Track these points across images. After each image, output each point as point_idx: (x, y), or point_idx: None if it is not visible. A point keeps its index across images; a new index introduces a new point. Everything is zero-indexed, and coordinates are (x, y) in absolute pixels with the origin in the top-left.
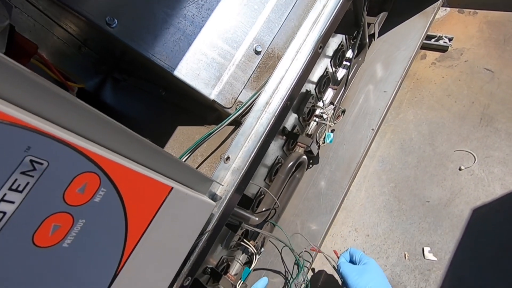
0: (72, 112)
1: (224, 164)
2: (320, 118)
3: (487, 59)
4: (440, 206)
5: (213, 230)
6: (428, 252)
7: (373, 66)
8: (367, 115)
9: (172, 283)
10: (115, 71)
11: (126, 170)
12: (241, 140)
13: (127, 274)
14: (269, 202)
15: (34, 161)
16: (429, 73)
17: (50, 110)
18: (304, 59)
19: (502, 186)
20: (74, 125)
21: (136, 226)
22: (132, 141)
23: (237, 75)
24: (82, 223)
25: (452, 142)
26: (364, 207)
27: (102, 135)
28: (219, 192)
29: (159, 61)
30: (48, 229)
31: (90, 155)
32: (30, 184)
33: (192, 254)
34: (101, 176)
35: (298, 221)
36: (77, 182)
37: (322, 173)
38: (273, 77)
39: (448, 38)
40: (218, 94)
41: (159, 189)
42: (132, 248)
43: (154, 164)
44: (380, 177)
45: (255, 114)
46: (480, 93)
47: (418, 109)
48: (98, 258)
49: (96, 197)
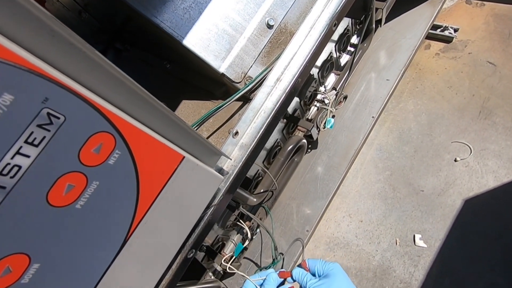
0: (90, 67)
1: (233, 139)
2: (321, 103)
3: (491, 52)
4: (434, 195)
5: (218, 205)
6: (419, 239)
7: (377, 53)
8: (368, 102)
9: (177, 254)
10: (117, 41)
11: (141, 134)
12: (250, 115)
13: (136, 240)
14: (267, 184)
15: (52, 114)
16: (432, 64)
17: (70, 63)
18: (318, 36)
19: (495, 179)
20: (92, 81)
21: (147, 193)
22: (147, 104)
23: (248, 48)
24: (96, 185)
25: (450, 134)
26: (359, 193)
27: (120, 96)
28: (226, 167)
29: (168, 29)
30: (63, 188)
31: (107, 114)
32: (47, 138)
33: (198, 227)
34: (116, 137)
35: (293, 204)
36: (93, 141)
37: (320, 159)
38: (286, 52)
39: (453, 29)
40: (228, 67)
41: (171, 157)
42: (143, 214)
43: (168, 130)
44: (376, 165)
45: (265, 90)
46: (481, 86)
47: (419, 100)
48: (109, 222)
49: (110, 159)
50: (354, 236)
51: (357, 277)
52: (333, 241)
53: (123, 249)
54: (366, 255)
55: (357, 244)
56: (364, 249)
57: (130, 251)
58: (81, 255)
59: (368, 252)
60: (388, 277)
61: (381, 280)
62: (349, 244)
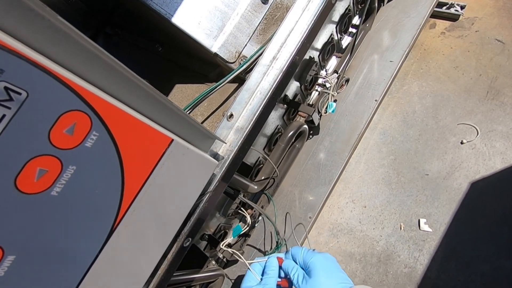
0: (55, 38)
1: (227, 122)
2: (322, 87)
3: (499, 29)
4: (439, 179)
5: (214, 191)
6: (424, 224)
7: (380, 34)
8: (371, 85)
9: (172, 243)
10: (107, 25)
11: (121, 113)
12: (246, 96)
13: (125, 229)
14: (268, 171)
15: (10, 89)
16: (437, 44)
17: (30, 31)
18: (316, 10)
19: (502, 160)
20: (60, 54)
21: (134, 179)
22: (128, 82)
23: (241, 26)
24: (73, 169)
25: (456, 116)
26: (362, 179)
27: (94, 71)
28: (221, 151)
29: (155, 6)
30: (33, 173)
31: (79, 90)
32: (7, 117)
33: (193, 215)
34: (92, 117)
35: (296, 191)
36: (64, 121)
37: (322, 144)
38: (281, 28)
39: (460, 6)
40: (221, 46)
41: (158, 139)
42: (130, 201)
43: (153, 111)
44: (380, 150)
45: (261, 69)
46: (489, 66)
47: (424, 81)
48: (92, 210)
49: (87, 142)
50: (358, 221)
51: (361, 263)
52: (337, 227)
53: (110, 239)
54: (370, 241)
55: (361, 229)
56: (368, 234)
57: (119, 241)
58: (62, 246)
59: (372, 237)
60: (393, 262)
61: (385, 265)
62: (352, 230)
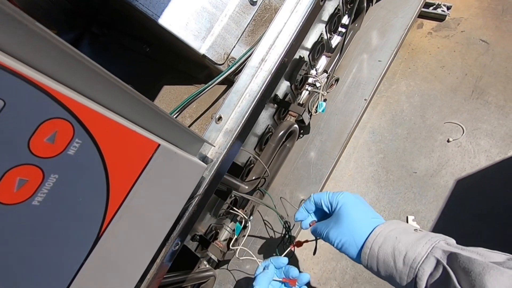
0: (33, 41)
1: (216, 124)
2: (312, 86)
3: (484, 30)
4: (427, 177)
5: (203, 194)
6: (412, 221)
7: (368, 33)
8: (361, 84)
9: (160, 247)
10: (93, 25)
11: (104, 120)
12: (234, 99)
13: (111, 236)
14: (259, 171)
15: None
16: (424, 43)
17: (4, 37)
18: (305, 11)
19: (487, 158)
20: (37, 60)
21: (119, 185)
22: (111, 86)
23: (230, 27)
24: (55, 178)
25: (442, 114)
26: (352, 177)
27: (74, 77)
28: (210, 154)
29: (141, 7)
30: (13, 184)
31: (59, 97)
32: None
33: (182, 219)
34: (74, 124)
35: (287, 190)
36: (45, 129)
37: (312, 143)
38: (270, 30)
39: (446, 7)
40: (209, 48)
41: (144, 145)
42: (116, 208)
43: (138, 116)
44: (369, 148)
45: (249, 71)
46: (474, 65)
47: (411, 80)
48: (77, 218)
49: (69, 149)
50: None
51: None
52: None
53: (96, 247)
54: None
55: None
56: None
57: (105, 248)
58: (46, 255)
59: None
60: None
61: None
62: None
